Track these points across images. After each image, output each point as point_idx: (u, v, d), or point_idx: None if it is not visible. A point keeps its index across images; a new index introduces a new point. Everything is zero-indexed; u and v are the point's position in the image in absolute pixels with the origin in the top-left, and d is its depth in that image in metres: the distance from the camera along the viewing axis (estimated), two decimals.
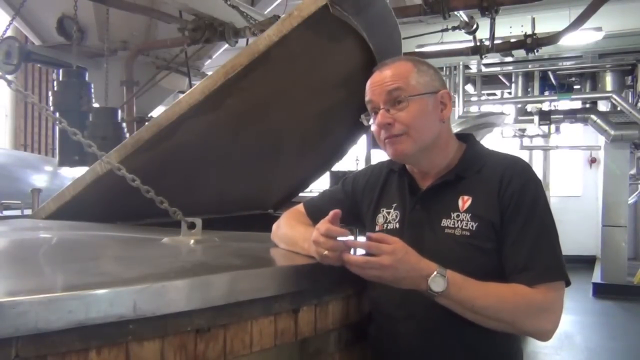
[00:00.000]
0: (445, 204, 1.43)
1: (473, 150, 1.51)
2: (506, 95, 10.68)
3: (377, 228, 1.53)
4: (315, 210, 1.63)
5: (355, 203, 1.63)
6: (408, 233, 1.45)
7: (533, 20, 6.28)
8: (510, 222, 1.37)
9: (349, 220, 1.61)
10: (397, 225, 1.50)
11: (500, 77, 10.19)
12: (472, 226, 1.38)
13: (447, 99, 1.48)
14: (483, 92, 10.36)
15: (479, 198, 1.41)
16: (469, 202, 1.41)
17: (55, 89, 4.04)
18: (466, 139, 1.55)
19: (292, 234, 1.59)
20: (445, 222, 1.41)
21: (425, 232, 1.44)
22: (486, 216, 1.38)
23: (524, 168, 1.44)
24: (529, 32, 6.03)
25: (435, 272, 1.27)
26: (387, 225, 1.52)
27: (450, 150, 1.50)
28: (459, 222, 1.40)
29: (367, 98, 1.49)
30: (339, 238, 1.32)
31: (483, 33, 5.90)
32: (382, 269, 1.26)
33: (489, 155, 1.50)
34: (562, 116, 9.49)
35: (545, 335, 1.36)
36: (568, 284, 1.37)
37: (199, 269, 1.36)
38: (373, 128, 1.48)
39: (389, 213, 1.54)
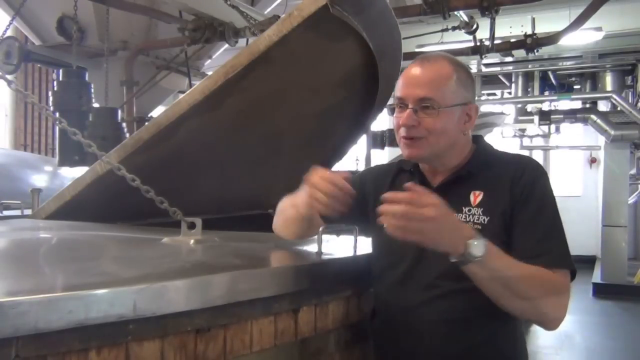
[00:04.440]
0: (457, 199, 1.43)
1: (484, 149, 1.53)
2: (506, 95, 10.68)
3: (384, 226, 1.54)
4: None
5: (362, 200, 1.62)
6: None
7: (533, 20, 6.29)
8: (520, 213, 1.37)
9: (355, 218, 1.60)
10: None
11: (500, 77, 10.19)
12: (484, 220, 1.39)
13: (474, 112, 1.48)
14: (483, 92, 10.36)
15: (490, 193, 1.41)
16: (480, 197, 1.42)
17: (55, 89, 4.04)
18: (476, 140, 1.57)
19: (287, 201, 1.61)
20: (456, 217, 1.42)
21: None
22: (498, 210, 1.38)
23: (535, 165, 1.46)
24: (529, 32, 6.03)
25: (476, 236, 1.24)
26: None
27: (464, 153, 1.51)
28: (471, 216, 1.40)
29: (397, 91, 1.47)
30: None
31: (483, 33, 5.90)
32: (425, 222, 1.20)
33: (500, 154, 1.53)
34: (562, 116, 9.50)
35: (555, 322, 1.34)
36: (574, 276, 1.37)
37: (199, 269, 1.36)
38: (394, 120, 1.47)
39: None
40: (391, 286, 1.48)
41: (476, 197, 1.42)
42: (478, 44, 6.04)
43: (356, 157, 6.05)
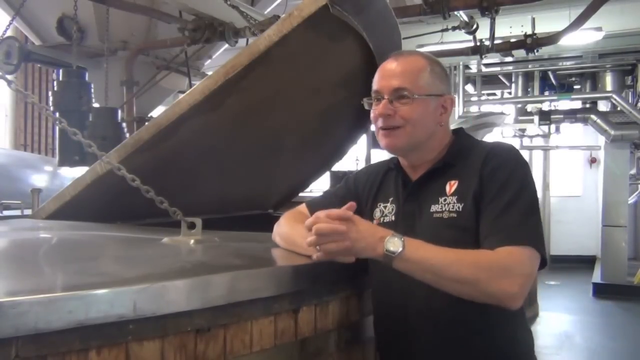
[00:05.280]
0: (434, 191, 1.46)
1: (461, 141, 1.55)
2: (506, 95, 10.69)
3: (375, 222, 1.56)
4: (318, 210, 1.64)
5: (357, 199, 1.64)
6: (401, 224, 1.49)
7: (533, 20, 6.29)
8: (485, 194, 1.38)
9: None
10: (393, 218, 1.53)
11: (500, 77, 10.19)
12: (459, 207, 1.40)
13: (449, 104, 1.52)
14: (483, 92, 10.36)
15: (464, 180, 1.43)
16: (455, 186, 1.44)
17: (55, 89, 4.04)
18: (455, 132, 1.59)
19: (291, 233, 1.59)
20: (433, 208, 1.44)
21: (417, 220, 1.47)
22: (469, 194, 1.40)
23: (506, 149, 1.46)
24: (529, 32, 6.04)
25: (391, 234, 1.29)
26: (384, 219, 1.55)
27: (442, 145, 1.53)
28: (446, 205, 1.42)
29: (374, 85, 1.51)
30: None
31: (483, 33, 5.90)
32: (339, 236, 1.28)
33: (477, 143, 1.54)
34: (562, 116, 9.48)
35: (510, 300, 1.29)
36: (544, 263, 1.34)
37: (199, 269, 1.37)
38: (372, 114, 1.51)
39: (385, 207, 1.57)
40: (386, 284, 1.49)
41: (451, 186, 1.44)
42: (478, 44, 6.04)
43: (356, 157, 6.06)
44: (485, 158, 1.42)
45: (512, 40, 6.34)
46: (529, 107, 9.98)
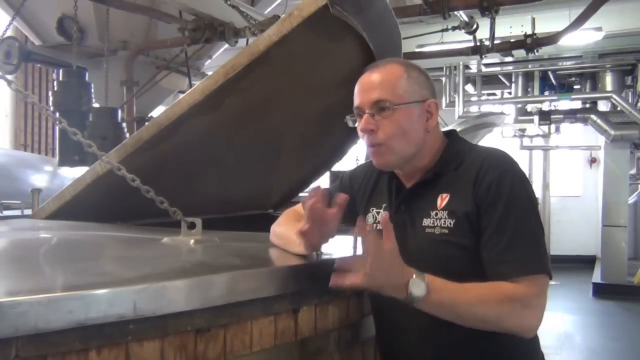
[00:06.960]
0: (425, 203, 1.42)
1: (452, 147, 1.49)
2: (506, 95, 10.69)
3: (367, 228, 1.53)
4: None
5: (352, 198, 1.63)
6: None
7: (533, 20, 6.29)
8: (487, 215, 1.33)
9: (347, 216, 1.59)
10: None
11: (500, 77, 10.20)
12: (450, 223, 1.36)
13: (434, 108, 1.46)
14: (483, 92, 10.37)
15: (456, 194, 1.39)
16: (446, 200, 1.40)
17: (55, 89, 4.04)
18: (448, 135, 1.53)
19: (288, 233, 1.58)
20: (425, 222, 1.40)
21: (408, 232, 1.43)
22: (462, 211, 1.35)
23: (501, 159, 1.40)
24: (529, 32, 6.04)
25: (414, 276, 1.24)
26: (377, 226, 1.52)
27: (433, 151, 1.49)
28: (438, 220, 1.38)
29: (354, 102, 1.47)
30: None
31: (483, 33, 5.91)
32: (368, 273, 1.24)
33: (470, 150, 1.48)
34: (562, 116, 9.49)
35: (530, 331, 1.32)
36: (550, 277, 1.33)
37: (199, 269, 1.36)
38: (358, 130, 1.47)
39: (378, 213, 1.54)
40: None
41: (443, 199, 1.40)
42: (478, 44, 6.04)
43: (356, 157, 6.05)
44: (479, 171, 1.37)
45: (512, 40, 6.34)
46: (529, 107, 9.99)
